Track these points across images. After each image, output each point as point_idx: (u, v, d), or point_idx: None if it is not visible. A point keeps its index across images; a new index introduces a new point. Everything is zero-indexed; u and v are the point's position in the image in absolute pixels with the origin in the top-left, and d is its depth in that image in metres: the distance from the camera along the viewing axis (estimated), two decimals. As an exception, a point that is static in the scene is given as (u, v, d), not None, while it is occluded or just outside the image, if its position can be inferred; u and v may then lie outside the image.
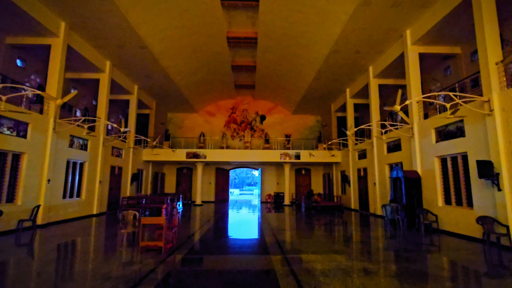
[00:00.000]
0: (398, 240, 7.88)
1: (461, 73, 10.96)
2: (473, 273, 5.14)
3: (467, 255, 6.12)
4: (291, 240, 7.94)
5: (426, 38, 10.24)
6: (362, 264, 5.44)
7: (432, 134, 9.34)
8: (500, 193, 6.66)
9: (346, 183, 17.20)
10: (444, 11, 8.82)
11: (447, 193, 8.85)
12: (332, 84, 16.70)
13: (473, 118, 7.56)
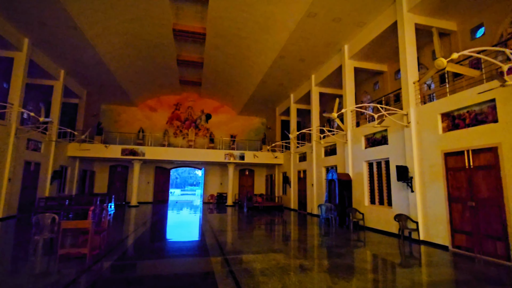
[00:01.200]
0: (331, 237, 8.53)
1: (387, 88, 12.49)
2: (390, 264, 5.84)
3: (386, 249, 6.94)
4: (232, 240, 7.91)
5: (360, 54, 11.39)
6: (299, 261, 5.70)
7: (363, 141, 10.39)
8: (413, 194, 7.74)
9: (287, 184, 17.98)
10: (375, 32, 9.93)
11: (372, 194, 9.93)
12: (278, 88, 17.31)
13: (395, 129, 8.65)
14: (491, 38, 8.09)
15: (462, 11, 8.53)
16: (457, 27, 9.15)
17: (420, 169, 7.67)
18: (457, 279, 4.83)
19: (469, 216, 6.39)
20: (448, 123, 7.01)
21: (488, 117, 6.06)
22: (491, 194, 5.94)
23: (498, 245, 5.78)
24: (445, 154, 6.98)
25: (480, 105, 6.23)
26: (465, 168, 6.49)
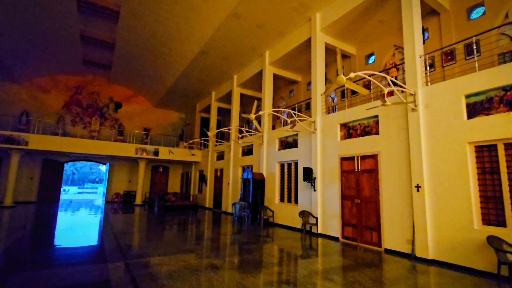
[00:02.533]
0: (243, 234, 8.80)
1: (300, 96, 13.76)
2: (293, 257, 6.41)
3: (291, 243, 7.59)
4: (138, 243, 7.25)
5: (280, 62, 12.20)
6: (209, 260, 5.64)
7: (277, 143, 11.14)
8: (315, 193, 8.73)
9: (203, 183, 17.72)
10: (293, 44, 10.80)
11: (282, 193, 10.75)
12: (200, 84, 16.89)
13: (304, 134, 9.59)
14: (379, 66, 9.91)
15: (360, 40, 10.18)
16: (356, 52, 10.84)
17: (322, 171, 8.71)
18: (343, 265, 5.66)
19: (355, 212, 7.62)
20: (345, 132, 8.20)
21: (373, 129, 7.37)
22: (372, 193, 7.23)
23: (374, 235, 7.08)
24: (341, 159, 8.14)
25: (368, 119, 7.51)
26: (355, 171, 7.72)
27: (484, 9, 7.43)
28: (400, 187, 6.51)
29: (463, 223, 5.36)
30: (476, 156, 5.41)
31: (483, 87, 5.30)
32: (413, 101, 6.24)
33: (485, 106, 5.28)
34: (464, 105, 5.57)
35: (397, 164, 6.62)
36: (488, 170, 5.26)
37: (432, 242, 5.77)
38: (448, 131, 5.72)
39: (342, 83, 4.59)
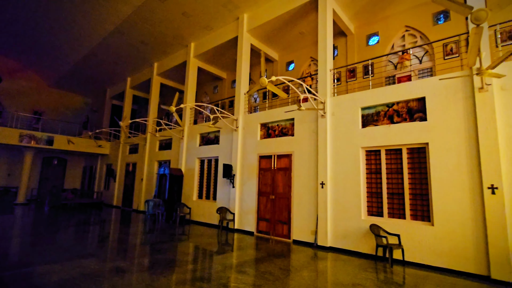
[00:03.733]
0: (155, 233, 8.27)
1: (224, 93, 13.81)
2: (208, 253, 6.39)
3: (207, 239, 7.55)
4: (19, 251, 5.94)
5: (205, 56, 11.95)
6: (115, 264, 5.09)
7: (198, 138, 10.89)
8: (233, 189, 8.92)
9: (112, 178, 15.85)
10: (220, 40, 10.75)
11: (201, 189, 10.57)
12: (112, 67, 15.00)
13: (226, 131, 9.67)
14: (297, 73, 10.84)
15: (282, 47, 10.92)
16: (279, 58, 11.58)
17: (242, 168, 8.97)
18: (256, 257, 5.97)
19: (270, 207, 8.14)
20: (265, 132, 8.66)
21: (289, 131, 8.02)
22: (285, 190, 7.86)
23: (285, 228, 7.72)
24: (260, 157, 8.56)
25: (286, 121, 8.13)
26: (271, 169, 8.24)
27: (378, 38, 9.01)
28: (308, 184, 7.28)
29: (354, 215, 6.39)
30: (366, 159, 6.53)
31: (373, 102, 6.43)
32: (322, 108, 7.07)
33: (374, 118, 6.43)
34: (360, 116, 6.64)
35: (307, 163, 7.39)
36: (373, 170, 6.41)
37: (331, 232, 6.68)
38: (348, 136, 6.72)
39: (264, 85, 4.83)
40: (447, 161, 5.34)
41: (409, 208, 5.82)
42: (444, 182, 5.34)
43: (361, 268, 5.27)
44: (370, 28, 9.15)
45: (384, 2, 8.22)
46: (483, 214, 4.84)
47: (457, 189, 5.18)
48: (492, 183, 4.78)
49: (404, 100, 6.06)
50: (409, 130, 5.86)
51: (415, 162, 5.87)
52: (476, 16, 2.75)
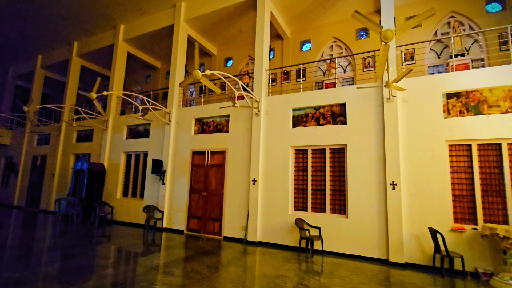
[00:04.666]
0: (68, 236, 7.25)
1: (157, 84, 12.93)
2: (132, 255, 5.90)
3: (131, 240, 6.97)
4: None
5: (137, 42, 10.97)
6: (11, 275, 4.25)
7: (125, 130, 9.94)
8: (163, 186, 8.44)
9: (13, 173, 13.28)
10: (154, 26, 10.01)
11: (126, 186, 9.70)
12: (17, 40, 12.52)
13: (158, 124, 9.08)
14: (235, 70, 10.86)
15: (221, 42, 10.78)
16: (217, 53, 11.40)
17: (173, 164, 8.55)
18: (184, 256, 5.78)
19: (201, 204, 7.97)
20: (199, 127, 8.43)
21: (224, 127, 7.98)
22: (217, 186, 7.80)
23: (216, 225, 7.67)
24: (193, 153, 8.30)
25: (221, 117, 8.06)
26: (205, 165, 8.07)
27: (311, 45, 9.67)
28: (241, 181, 7.38)
29: (282, 210, 6.74)
30: (295, 157, 6.95)
31: (303, 104, 6.88)
32: (257, 107, 7.24)
33: (303, 119, 6.89)
34: (291, 116, 7.03)
35: (240, 160, 7.47)
36: (301, 168, 6.87)
37: (260, 227, 6.91)
38: (279, 135, 7.04)
39: (198, 78, 4.67)
40: (361, 161, 6.07)
41: (329, 203, 6.42)
42: (357, 179, 6.05)
43: (285, 260, 5.60)
44: (304, 35, 9.75)
45: (316, 13, 8.85)
46: (386, 207, 5.67)
47: (367, 185, 5.94)
48: (393, 180, 5.62)
49: (329, 104, 6.64)
50: (332, 132, 6.46)
51: (335, 161, 6.50)
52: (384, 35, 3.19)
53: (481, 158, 5.25)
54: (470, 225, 5.13)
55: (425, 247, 5.33)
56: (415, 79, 5.90)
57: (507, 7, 7.21)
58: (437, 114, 5.54)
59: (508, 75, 5.14)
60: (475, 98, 5.36)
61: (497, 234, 4.44)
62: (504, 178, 5.03)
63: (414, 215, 5.46)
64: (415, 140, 5.64)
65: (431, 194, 5.40)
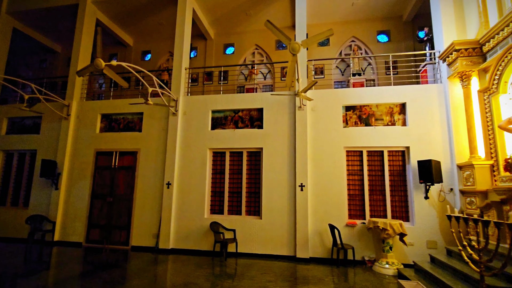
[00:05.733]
0: None
1: (56, 71, 10.95)
2: (9, 277, 4.72)
3: (8, 260, 5.59)
4: None
5: (29, 17, 9.05)
6: None
7: (4, 123, 8.03)
8: (56, 191, 7.13)
9: None
10: (52, 2, 8.43)
11: (4, 193, 7.81)
12: None
13: (52, 118, 7.65)
14: (154, 65, 10.10)
15: (138, 33, 9.89)
16: (133, 44, 10.40)
17: (71, 165, 7.33)
18: (80, 273, 4.96)
19: (106, 211, 7.04)
20: (106, 124, 7.46)
21: (136, 126, 7.28)
22: (127, 191, 7.03)
23: (123, 234, 6.88)
24: (98, 153, 7.29)
25: (133, 115, 7.33)
26: (112, 167, 7.18)
27: (234, 49, 9.78)
28: (154, 184, 6.83)
29: (197, 214, 6.52)
30: (213, 159, 6.84)
31: (223, 107, 6.86)
32: (174, 106, 6.86)
33: (222, 122, 6.86)
34: (210, 118, 6.91)
35: (154, 162, 6.93)
36: (218, 171, 6.80)
37: (174, 233, 6.52)
38: (197, 137, 6.82)
39: (100, 67, 4.10)
40: (275, 164, 6.40)
41: (245, 205, 6.54)
42: (271, 181, 6.35)
43: (198, 266, 5.40)
44: (228, 38, 9.81)
45: (240, 18, 9.02)
46: (295, 207, 6.10)
47: (279, 187, 6.29)
48: (301, 182, 6.11)
49: (248, 108, 6.80)
50: (250, 135, 6.62)
51: (252, 164, 6.68)
52: (292, 47, 3.44)
53: (369, 163, 6.20)
54: (360, 220, 5.98)
55: (325, 242, 5.94)
56: (322, 91, 6.60)
57: (392, 39, 8.81)
58: (338, 123, 6.30)
59: (390, 94, 6.24)
60: (366, 112, 6.32)
61: (378, 226, 5.29)
62: (384, 180, 6.06)
63: (318, 214, 6.05)
64: (320, 145, 6.27)
65: (331, 194, 6.07)
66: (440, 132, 5.85)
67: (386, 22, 8.82)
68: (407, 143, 5.96)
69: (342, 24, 9.04)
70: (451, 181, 5.64)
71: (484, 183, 4.89)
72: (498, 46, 4.79)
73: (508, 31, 4.47)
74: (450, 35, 5.88)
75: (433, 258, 4.99)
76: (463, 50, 5.30)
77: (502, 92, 4.75)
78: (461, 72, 5.38)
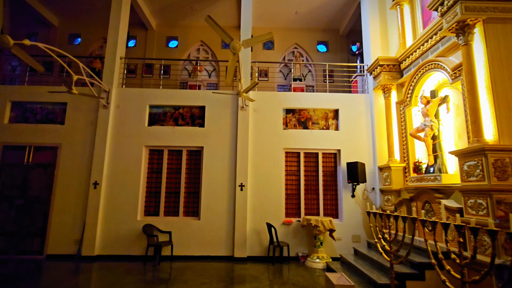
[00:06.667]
0: None
1: (-49, 46, 8.93)
2: None
3: None
4: None
5: None
6: None
7: None
8: None
9: None
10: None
11: None
12: None
13: None
14: (85, 51, 9.02)
15: (66, 14, 8.72)
16: (58, 25, 9.13)
17: (-33, 161, 6.05)
18: (-31, 293, 4.10)
19: (14, 216, 5.99)
20: (17, 114, 6.37)
21: (58, 118, 6.38)
22: (43, 192, 6.10)
23: (36, 242, 5.95)
24: (5, 147, 6.17)
25: (54, 105, 6.42)
26: (24, 164, 6.15)
27: (177, 43, 9.35)
28: (78, 184, 6.08)
29: (129, 216, 6.01)
30: (149, 157, 6.41)
31: (162, 102, 6.48)
32: (106, 98, 6.22)
33: (161, 118, 6.48)
34: (148, 114, 6.46)
35: (79, 159, 6.16)
36: (155, 170, 6.39)
37: (100, 238, 5.90)
38: (132, 133, 6.30)
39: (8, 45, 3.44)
40: (216, 163, 6.29)
41: (183, 206, 6.28)
42: (211, 181, 6.23)
43: (127, 273, 4.98)
44: (171, 30, 9.33)
45: (185, 12, 8.66)
46: (234, 207, 6.09)
47: (219, 187, 6.21)
48: (241, 182, 6.13)
49: (189, 105, 6.56)
50: (190, 133, 6.39)
51: (192, 163, 6.46)
52: (233, 46, 3.42)
53: (306, 164, 6.56)
54: (296, 218, 6.28)
55: (263, 241, 6.08)
56: (265, 93, 6.75)
57: (330, 50, 9.51)
58: (278, 125, 6.52)
59: (326, 101, 6.71)
60: (305, 116, 6.68)
61: (311, 224, 5.63)
62: (318, 180, 6.49)
63: (256, 213, 6.15)
64: (261, 146, 6.40)
65: (270, 194, 6.24)
66: (366, 137, 6.52)
67: (325, 34, 9.49)
68: (339, 146, 6.48)
69: (286, 31, 9.41)
70: (373, 181, 6.33)
71: (398, 183, 5.61)
72: (412, 65, 5.55)
73: (420, 53, 5.22)
74: (376, 51, 6.60)
75: (356, 251, 5.52)
76: (386, 66, 6.01)
77: (413, 105, 5.52)
78: (384, 85, 6.09)
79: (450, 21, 3.89)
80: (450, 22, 3.90)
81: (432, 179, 4.55)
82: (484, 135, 3.59)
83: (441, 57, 4.61)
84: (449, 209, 4.05)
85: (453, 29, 3.92)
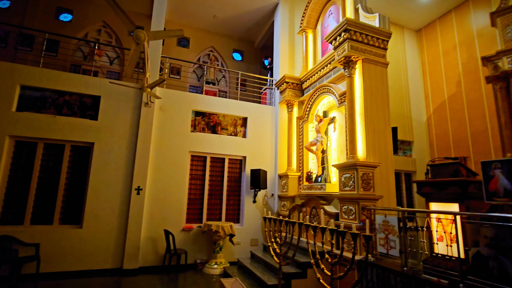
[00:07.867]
0: None
1: None
2: None
3: None
4: None
5: None
6: None
7: None
8: None
9: None
10: None
11: None
12: None
13: None
14: None
15: None
16: None
17: None
18: None
19: None
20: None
21: None
22: None
23: None
24: None
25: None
26: None
27: (71, 18, 7.87)
28: None
29: (-26, 227, 4.56)
30: (14, 151, 5.07)
31: (41, 84, 5.26)
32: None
33: (38, 104, 5.25)
34: (17, 96, 5.12)
35: None
36: (22, 167, 5.09)
37: None
38: (-9, 118, 4.86)
39: None
40: (109, 163, 5.50)
41: (59, 211, 5.20)
42: (101, 183, 5.39)
43: (-41, 304, 3.72)
44: (64, 1, 7.80)
45: (87, -17, 7.41)
46: (128, 213, 5.44)
47: (111, 190, 5.44)
48: (139, 185, 5.55)
49: (80, 93, 5.55)
50: (77, 125, 5.39)
51: (77, 161, 5.45)
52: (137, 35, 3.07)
53: (212, 169, 6.50)
54: (197, 224, 6.10)
55: (159, 249, 5.63)
56: (175, 92, 6.38)
57: (244, 60, 9.85)
58: (186, 127, 6.25)
59: (236, 108, 6.85)
60: (214, 120, 6.64)
61: (211, 229, 5.56)
62: (223, 185, 6.51)
63: (154, 219, 5.67)
64: (165, 147, 5.98)
65: (171, 198, 5.87)
66: (269, 146, 6.97)
67: (241, 43, 9.80)
68: (245, 153, 6.70)
69: (204, 32, 9.25)
70: (273, 188, 6.80)
71: (294, 190, 6.19)
72: (311, 86, 6.30)
73: (317, 77, 5.97)
74: (284, 69, 7.20)
75: (253, 254, 5.77)
76: (291, 83, 6.62)
77: (310, 122, 6.24)
78: (288, 100, 6.68)
79: (340, 55, 4.61)
80: (339, 56, 4.62)
81: (319, 188, 5.22)
82: (358, 153, 4.35)
83: (333, 83, 5.39)
84: (329, 213, 4.71)
85: (342, 62, 4.65)
